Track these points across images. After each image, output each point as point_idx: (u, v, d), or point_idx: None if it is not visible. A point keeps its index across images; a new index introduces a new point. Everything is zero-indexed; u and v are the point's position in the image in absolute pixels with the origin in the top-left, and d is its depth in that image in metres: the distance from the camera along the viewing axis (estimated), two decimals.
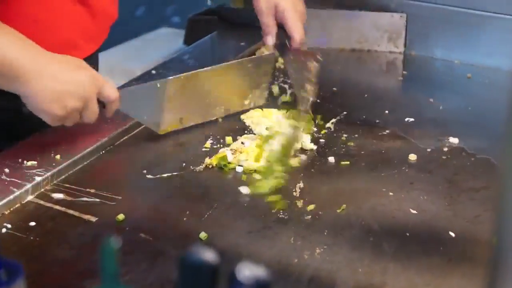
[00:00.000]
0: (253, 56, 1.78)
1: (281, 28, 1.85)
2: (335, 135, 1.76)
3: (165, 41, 2.86)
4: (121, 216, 1.43)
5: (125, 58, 2.70)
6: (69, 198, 1.49)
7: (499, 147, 1.56)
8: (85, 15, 1.72)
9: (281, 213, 1.46)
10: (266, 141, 1.64)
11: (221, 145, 1.70)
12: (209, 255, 0.69)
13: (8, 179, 1.49)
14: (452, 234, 1.42)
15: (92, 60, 1.85)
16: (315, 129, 1.76)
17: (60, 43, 1.69)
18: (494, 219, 0.64)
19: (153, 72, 2.01)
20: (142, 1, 3.50)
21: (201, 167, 1.62)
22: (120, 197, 1.49)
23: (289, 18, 1.84)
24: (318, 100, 1.89)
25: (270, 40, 1.85)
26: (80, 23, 1.72)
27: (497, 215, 0.62)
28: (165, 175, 1.58)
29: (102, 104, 1.56)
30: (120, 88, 1.63)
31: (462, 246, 1.39)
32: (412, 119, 1.85)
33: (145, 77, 1.98)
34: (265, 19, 1.86)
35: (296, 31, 1.84)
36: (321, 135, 1.75)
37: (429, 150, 1.71)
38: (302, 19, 1.87)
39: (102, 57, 2.60)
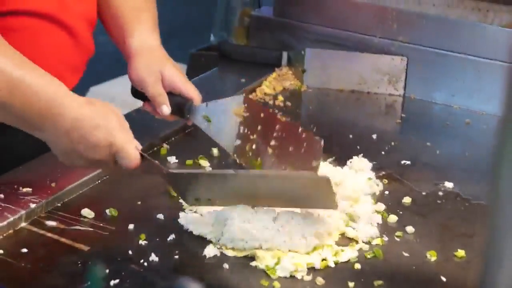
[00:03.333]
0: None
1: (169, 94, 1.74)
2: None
3: None
4: (114, 212, 1.51)
5: (126, 89, 2.71)
6: (62, 226, 1.49)
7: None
8: (70, 46, 1.72)
9: None
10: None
11: None
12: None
13: (3, 204, 1.49)
14: (444, 278, 1.42)
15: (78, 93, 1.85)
16: None
17: None
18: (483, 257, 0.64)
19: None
20: None
21: None
22: (113, 228, 1.49)
23: (180, 83, 1.74)
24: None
25: (167, 109, 1.72)
26: (65, 54, 1.72)
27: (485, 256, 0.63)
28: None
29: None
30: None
31: None
32: (408, 162, 1.85)
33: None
34: (154, 90, 1.72)
35: (194, 92, 1.74)
36: None
37: (424, 193, 1.72)
38: (184, 76, 1.79)
39: (104, 87, 2.62)
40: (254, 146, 1.73)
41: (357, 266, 1.44)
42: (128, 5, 1.82)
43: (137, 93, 1.77)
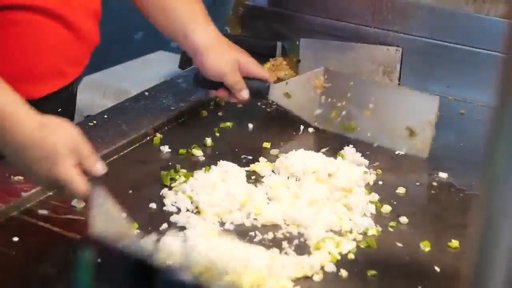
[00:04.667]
0: None
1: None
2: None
3: (161, 65, 2.86)
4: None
5: (120, 78, 2.70)
6: (54, 215, 1.48)
7: None
8: (71, 40, 1.72)
9: (266, 241, 1.46)
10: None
11: None
12: (187, 275, 0.69)
13: None
14: (437, 269, 1.42)
15: (75, 84, 1.84)
16: None
17: (46, 70, 1.70)
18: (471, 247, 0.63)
19: (146, 93, 2.01)
20: (141, 26, 3.52)
21: None
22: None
23: (254, 67, 1.85)
24: (309, 129, 1.90)
25: (247, 94, 1.84)
26: (66, 48, 1.73)
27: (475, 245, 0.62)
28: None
29: None
30: None
31: (446, 282, 1.39)
32: (402, 152, 1.84)
33: (138, 98, 1.98)
34: (233, 78, 1.82)
35: (266, 74, 1.88)
36: None
37: (418, 184, 1.71)
38: (256, 61, 1.89)
39: (98, 77, 2.61)
40: (344, 112, 1.84)
41: (351, 256, 1.44)
42: (181, 4, 1.86)
43: (203, 82, 1.86)
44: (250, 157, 1.75)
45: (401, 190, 1.67)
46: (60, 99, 1.80)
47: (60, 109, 1.79)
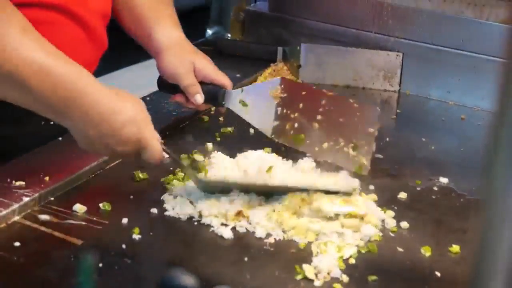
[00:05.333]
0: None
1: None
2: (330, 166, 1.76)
3: None
4: (108, 206, 1.52)
5: (120, 84, 2.70)
6: (55, 220, 1.48)
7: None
8: (86, 40, 1.74)
9: (267, 246, 1.46)
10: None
11: None
12: (188, 280, 0.69)
13: None
14: (438, 274, 1.42)
15: None
16: None
17: None
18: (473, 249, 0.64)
19: (147, 99, 2.01)
20: None
21: None
22: (106, 222, 1.49)
23: (211, 72, 1.81)
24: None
25: (200, 98, 1.79)
26: (81, 48, 1.73)
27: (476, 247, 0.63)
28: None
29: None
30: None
31: (447, 287, 1.39)
32: (403, 158, 1.85)
33: None
34: (187, 80, 1.79)
35: (225, 80, 1.82)
36: None
37: (419, 189, 1.71)
38: (215, 66, 1.85)
39: (100, 81, 2.61)
40: (296, 125, 1.77)
41: (352, 261, 1.44)
42: (148, 2, 1.86)
43: (165, 86, 1.84)
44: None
45: (402, 195, 1.68)
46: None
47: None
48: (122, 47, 2.03)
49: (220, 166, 1.64)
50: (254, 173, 1.60)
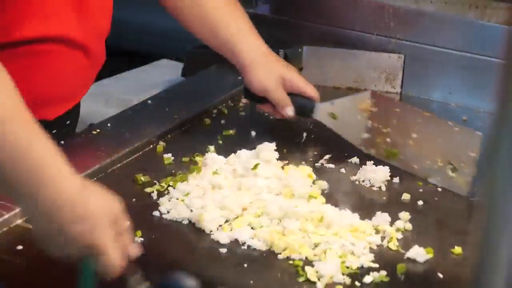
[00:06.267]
0: None
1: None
2: (328, 171, 1.76)
3: (164, 73, 2.86)
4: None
5: (122, 87, 2.70)
6: None
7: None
8: (86, 65, 1.74)
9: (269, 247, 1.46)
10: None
11: None
12: (189, 282, 0.69)
13: None
14: (441, 275, 1.42)
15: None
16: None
17: (62, 95, 1.74)
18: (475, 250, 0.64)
19: (149, 102, 2.01)
20: (145, 34, 3.52)
21: None
22: None
23: (300, 84, 1.82)
24: (313, 136, 1.90)
25: (291, 111, 1.81)
26: (81, 73, 1.75)
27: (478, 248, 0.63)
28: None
29: None
30: None
31: None
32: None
33: (141, 106, 1.98)
34: (277, 94, 1.81)
35: (313, 91, 1.83)
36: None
37: (421, 190, 1.71)
38: (303, 78, 1.86)
39: (101, 85, 2.61)
40: (388, 140, 1.79)
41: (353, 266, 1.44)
42: (220, 6, 1.85)
43: (251, 95, 1.86)
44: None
45: (405, 196, 1.68)
46: (68, 114, 1.82)
47: (68, 122, 1.83)
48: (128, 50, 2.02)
49: (213, 165, 1.67)
50: (242, 171, 1.63)
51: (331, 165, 1.78)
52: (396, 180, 1.74)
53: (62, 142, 1.74)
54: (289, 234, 1.48)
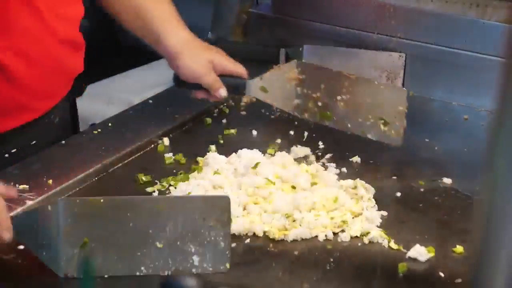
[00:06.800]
0: (207, 195, 1.56)
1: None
2: (328, 171, 1.76)
3: (165, 72, 2.86)
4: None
5: (124, 86, 2.70)
6: None
7: None
8: (37, 76, 1.71)
9: (270, 247, 1.46)
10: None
11: None
12: (189, 281, 0.69)
13: None
14: (442, 274, 1.42)
15: (50, 115, 1.83)
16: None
17: (8, 106, 1.70)
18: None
19: (150, 101, 2.02)
20: None
21: None
22: None
23: (229, 65, 1.87)
24: (314, 135, 1.90)
25: (224, 92, 1.85)
26: (32, 85, 1.70)
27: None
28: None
29: None
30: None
31: (451, 287, 1.38)
32: (406, 159, 1.85)
33: (142, 106, 1.98)
34: (209, 78, 1.84)
35: (242, 69, 1.88)
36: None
37: (422, 189, 1.71)
38: (229, 58, 1.90)
39: (102, 85, 2.61)
40: (320, 103, 1.87)
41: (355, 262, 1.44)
42: (152, 7, 1.87)
43: (182, 84, 1.88)
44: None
45: (405, 195, 1.67)
46: (32, 132, 1.77)
47: (34, 142, 1.78)
48: (127, 49, 2.02)
49: (214, 165, 1.67)
50: (243, 171, 1.64)
51: (333, 164, 1.78)
52: (396, 179, 1.74)
53: (63, 142, 1.75)
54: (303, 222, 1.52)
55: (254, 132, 1.91)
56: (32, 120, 1.75)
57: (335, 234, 1.51)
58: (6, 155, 1.72)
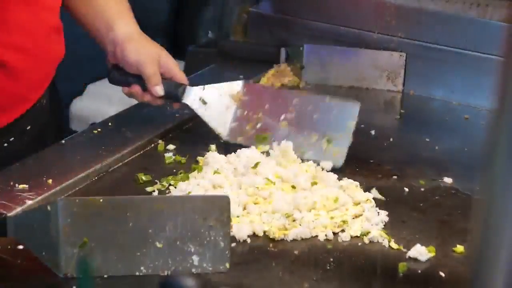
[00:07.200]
0: (206, 195, 1.55)
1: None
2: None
3: None
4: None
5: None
6: None
7: None
8: (28, 66, 1.72)
9: (270, 246, 1.46)
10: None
11: None
12: (188, 281, 0.69)
13: None
14: (442, 274, 1.42)
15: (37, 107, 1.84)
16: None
17: (7, 99, 1.72)
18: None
19: None
20: (147, 33, 3.52)
21: None
22: None
23: (174, 68, 1.81)
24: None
25: (160, 90, 1.78)
26: (23, 75, 1.72)
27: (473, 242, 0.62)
28: None
29: None
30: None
31: (452, 287, 1.38)
32: (407, 158, 1.84)
33: (142, 105, 1.98)
34: (151, 69, 1.77)
35: (184, 79, 1.83)
36: None
37: (422, 189, 1.71)
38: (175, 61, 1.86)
39: (102, 84, 2.61)
40: (259, 125, 1.82)
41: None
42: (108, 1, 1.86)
43: (116, 78, 1.83)
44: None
45: (406, 195, 1.67)
46: (26, 119, 1.78)
47: (29, 127, 1.79)
48: None
49: (214, 164, 1.67)
50: (243, 170, 1.64)
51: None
52: (396, 179, 1.74)
53: (63, 141, 1.75)
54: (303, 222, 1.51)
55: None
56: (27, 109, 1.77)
57: (335, 233, 1.51)
58: (5, 144, 1.74)
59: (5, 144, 1.74)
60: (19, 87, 1.71)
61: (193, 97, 1.81)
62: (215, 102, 1.82)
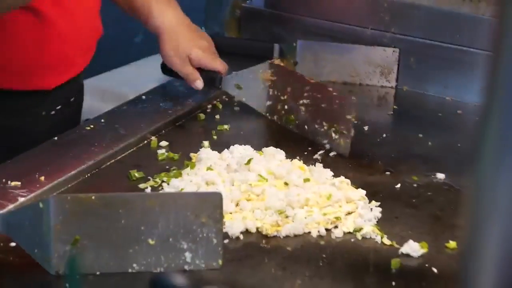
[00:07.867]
0: (199, 192, 1.55)
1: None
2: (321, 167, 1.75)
3: (159, 68, 2.86)
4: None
5: (118, 82, 2.70)
6: None
7: None
8: (76, 29, 1.79)
9: (263, 243, 1.46)
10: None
11: None
12: (179, 279, 0.69)
13: None
14: (435, 270, 1.42)
15: (82, 75, 1.93)
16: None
17: (56, 60, 1.78)
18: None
19: (143, 97, 2.01)
20: (141, 29, 3.51)
21: None
22: None
23: (206, 62, 1.94)
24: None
25: (200, 84, 1.93)
26: (72, 37, 1.79)
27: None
28: None
29: None
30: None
31: (444, 283, 1.39)
32: (400, 154, 1.84)
33: (135, 102, 1.98)
34: (184, 69, 1.93)
35: (220, 66, 1.96)
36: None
37: (415, 185, 1.71)
38: (211, 51, 1.98)
39: (95, 80, 2.60)
40: (286, 106, 1.92)
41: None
42: None
43: (168, 70, 2.00)
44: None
45: (398, 191, 1.67)
46: (71, 89, 1.91)
47: (72, 99, 1.92)
48: (120, 45, 2.03)
49: (207, 161, 1.66)
50: (236, 167, 1.64)
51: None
52: (389, 175, 1.74)
53: (56, 138, 1.74)
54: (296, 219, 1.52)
55: (247, 128, 1.91)
56: (73, 76, 1.87)
57: (328, 230, 1.51)
58: (52, 112, 1.84)
59: (52, 112, 1.84)
60: (66, 49, 1.78)
61: (229, 84, 1.96)
62: (249, 85, 1.96)
